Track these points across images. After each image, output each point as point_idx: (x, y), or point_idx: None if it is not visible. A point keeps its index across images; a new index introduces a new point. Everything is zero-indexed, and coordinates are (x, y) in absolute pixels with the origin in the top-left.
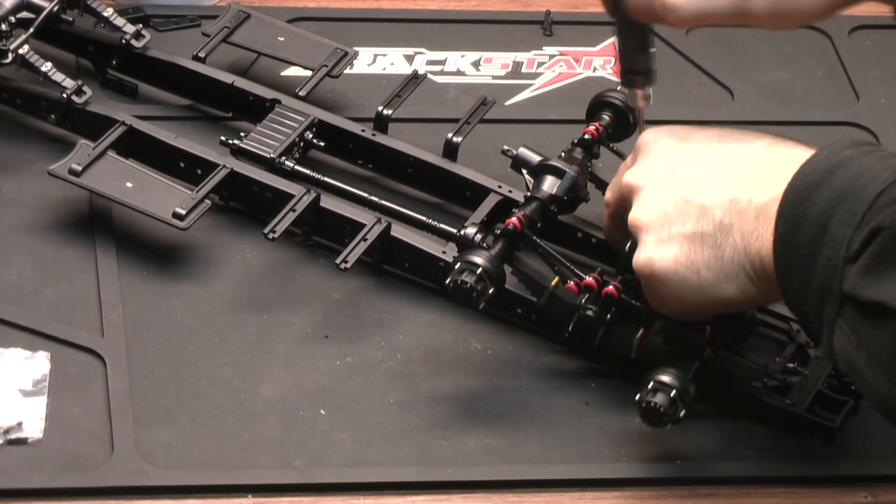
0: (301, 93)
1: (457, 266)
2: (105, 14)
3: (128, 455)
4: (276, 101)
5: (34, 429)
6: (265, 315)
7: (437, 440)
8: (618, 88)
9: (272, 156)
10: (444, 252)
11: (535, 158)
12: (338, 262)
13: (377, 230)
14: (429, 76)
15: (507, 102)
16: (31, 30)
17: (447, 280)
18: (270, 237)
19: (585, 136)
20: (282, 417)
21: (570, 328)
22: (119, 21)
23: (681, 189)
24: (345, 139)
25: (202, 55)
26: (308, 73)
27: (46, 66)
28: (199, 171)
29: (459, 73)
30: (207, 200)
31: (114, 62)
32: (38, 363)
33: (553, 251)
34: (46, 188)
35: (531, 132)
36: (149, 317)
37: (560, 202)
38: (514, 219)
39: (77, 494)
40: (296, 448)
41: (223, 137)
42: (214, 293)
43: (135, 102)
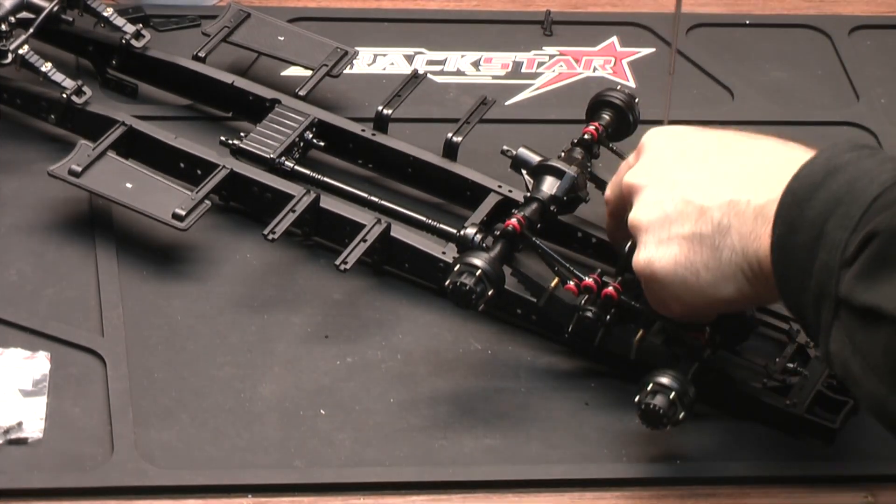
0: (301, 93)
1: (456, 268)
2: (105, 14)
3: (128, 455)
4: (276, 101)
5: (34, 429)
6: (265, 315)
7: (437, 440)
8: (617, 88)
9: (272, 156)
10: (444, 253)
11: (535, 159)
12: (337, 264)
13: (377, 231)
14: (429, 76)
15: (507, 102)
16: (31, 30)
17: (446, 282)
18: (270, 238)
19: (585, 136)
20: (282, 417)
21: (570, 329)
22: (119, 21)
23: (680, 190)
24: (345, 139)
25: (202, 55)
26: (308, 73)
27: (46, 66)
28: (199, 172)
29: (459, 73)
30: (207, 201)
31: (114, 62)
32: (38, 363)
33: (553, 252)
34: (46, 188)
35: (531, 132)
36: (149, 317)
37: (560, 203)
38: (514, 220)
39: (77, 494)
40: (296, 448)
41: (223, 137)
42: (214, 293)
43: (135, 102)
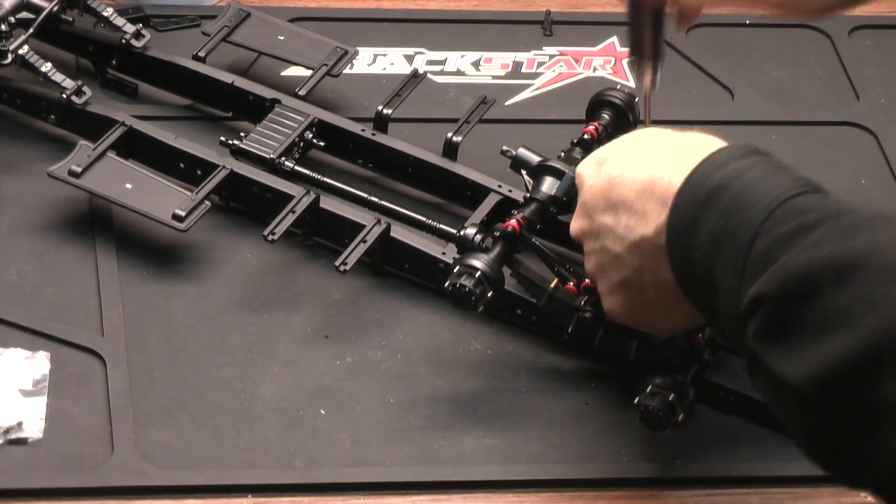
0: (301, 92)
1: (455, 269)
2: (105, 14)
3: (128, 455)
4: (276, 101)
5: (34, 429)
6: (265, 315)
7: (437, 440)
8: (617, 87)
9: (272, 156)
10: (444, 253)
11: (535, 159)
12: (337, 265)
13: (377, 231)
14: (429, 76)
15: (507, 102)
16: (31, 30)
17: (446, 284)
18: (270, 239)
19: (585, 136)
20: (282, 417)
21: (570, 329)
22: (119, 21)
23: (602, 239)
24: (345, 139)
25: (202, 55)
26: (308, 73)
27: (46, 67)
28: (199, 172)
29: (459, 73)
30: (207, 201)
31: (114, 62)
32: (38, 363)
33: (552, 253)
34: (46, 188)
35: (531, 132)
36: (149, 317)
37: (559, 203)
38: (513, 221)
39: (77, 494)
40: (296, 448)
41: (223, 138)
42: (214, 293)
43: (135, 102)
